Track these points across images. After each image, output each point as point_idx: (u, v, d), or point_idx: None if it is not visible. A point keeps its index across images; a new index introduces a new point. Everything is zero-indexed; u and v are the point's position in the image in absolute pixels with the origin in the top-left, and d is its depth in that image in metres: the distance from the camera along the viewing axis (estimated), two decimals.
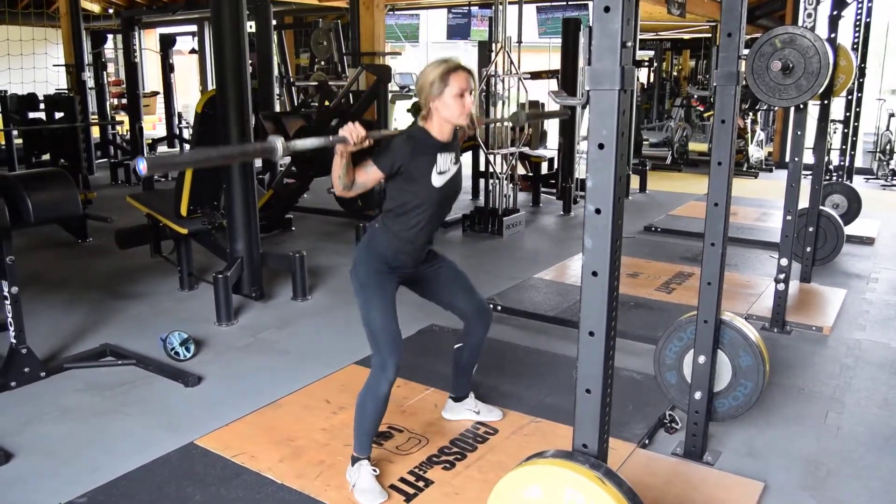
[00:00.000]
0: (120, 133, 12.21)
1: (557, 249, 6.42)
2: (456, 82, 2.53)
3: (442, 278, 2.89)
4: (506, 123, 6.95)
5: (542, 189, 8.69)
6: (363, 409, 2.59)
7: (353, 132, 2.39)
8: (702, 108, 12.67)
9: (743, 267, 5.73)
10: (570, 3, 12.42)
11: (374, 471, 2.63)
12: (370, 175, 2.58)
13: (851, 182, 6.83)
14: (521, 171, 8.32)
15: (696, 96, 12.49)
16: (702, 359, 2.81)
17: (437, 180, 2.62)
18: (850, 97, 6.41)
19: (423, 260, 2.82)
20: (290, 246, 6.34)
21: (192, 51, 15.52)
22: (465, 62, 2.62)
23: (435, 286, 2.90)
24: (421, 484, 2.69)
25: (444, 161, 2.63)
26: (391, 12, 14.05)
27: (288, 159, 7.18)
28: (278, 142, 2.17)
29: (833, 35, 4.62)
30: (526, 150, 8.16)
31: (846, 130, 6.64)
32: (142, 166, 1.86)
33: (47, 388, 3.54)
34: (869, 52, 6.75)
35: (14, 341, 3.52)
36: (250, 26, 7.80)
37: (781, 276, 4.23)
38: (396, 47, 15.00)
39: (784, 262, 4.21)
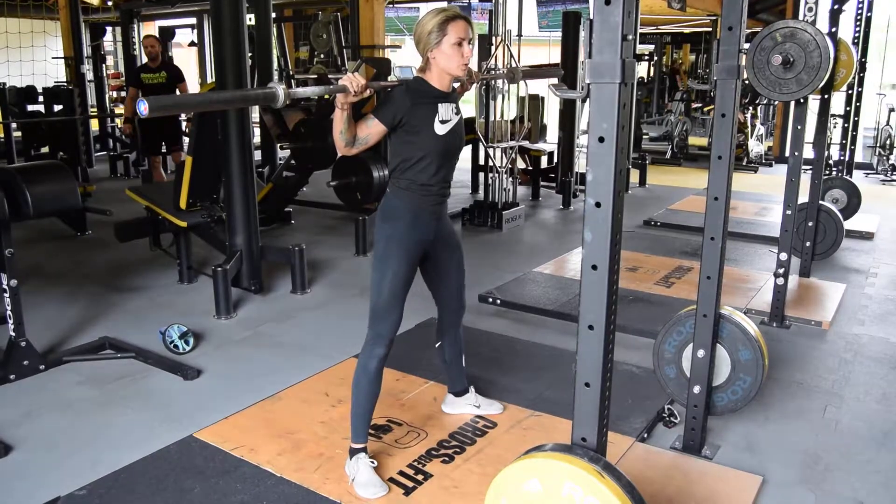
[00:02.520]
0: (119, 126, 12.19)
1: (557, 243, 6.42)
2: (454, 31, 2.51)
3: (451, 264, 2.87)
4: (503, 81, 6.95)
5: (542, 183, 8.69)
6: (357, 387, 2.62)
7: (352, 81, 2.36)
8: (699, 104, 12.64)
9: (742, 261, 5.72)
10: None
11: (373, 463, 2.64)
12: (372, 129, 2.54)
13: (851, 177, 6.82)
14: (520, 164, 8.32)
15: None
16: (701, 353, 2.81)
17: (441, 129, 2.58)
18: (850, 92, 6.40)
19: (442, 221, 2.76)
20: (289, 239, 6.34)
21: (192, 43, 15.46)
22: (462, 12, 2.58)
23: (441, 267, 2.86)
24: (420, 477, 2.69)
25: (446, 110, 2.61)
26: (391, 5, 14.02)
27: (287, 153, 7.18)
28: (279, 88, 2.15)
29: (834, 29, 4.61)
30: (525, 143, 8.15)
31: (846, 125, 6.64)
32: (143, 107, 1.84)
33: (46, 381, 3.54)
34: (869, 47, 6.74)
35: (13, 334, 3.52)
36: (250, 19, 7.78)
37: (781, 271, 4.23)
38: (396, 40, 14.97)
39: (783, 256, 4.21)
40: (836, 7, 4.68)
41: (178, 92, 7.16)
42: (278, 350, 3.97)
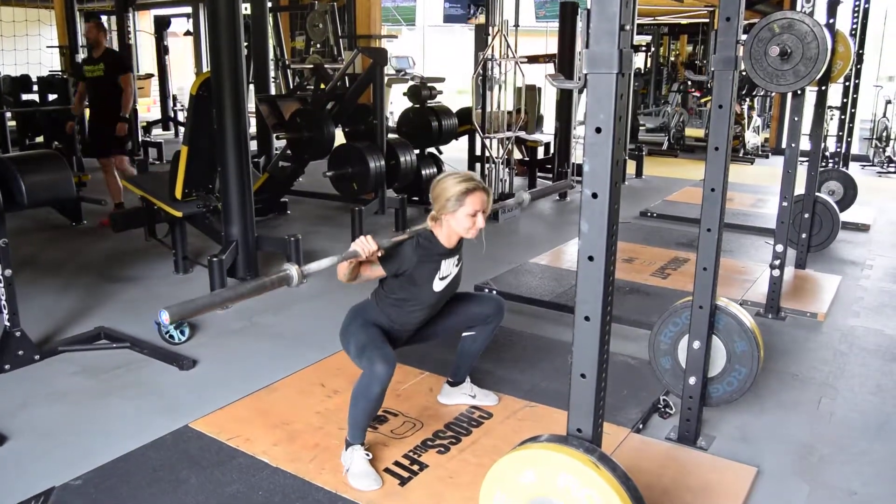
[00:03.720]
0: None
1: (553, 234, 6.42)
2: (472, 203, 2.62)
3: (443, 317, 2.94)
4: (499, 74, 6.93)
5: (539, 173, 8.68)
6: (356, 404, 2.59)
7: (364, 247, 2.47)
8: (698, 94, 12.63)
9: (738, 253, 5.73)
10: None
11: (368, 455, 2.64)
12: (375, 272, 2.68)
13: (847, 169, 6.82)
14: (517, 155, 8.30)
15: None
16: (696, 344, 2.81)
17: (438, 285, 2.73)
18: (847, 83, 6.39)
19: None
20: (285, 229, 6.32)
21: (187, 33, 15.38)
22: (482, 182, 2.68)
23: (441, 328, 2.97)
24: (415, 468, 2.70)
25: (448, 266, 2.75)
26: None
27: (283, 143, 7.16)
28: (293, 269, 2.23)
29: (832, 20, 4.60)
30: (522, 134, 8.13)
31: (843, 117, 6.63)
32: (164, 318, 1.86)
33: (42, 371, 3.53)
34: (867, 39, 6.73)
35: (8, 324, 3.51)
36: (246, 8, 7.74)
37: (777, 263, 4.23)
38: (393, 30, 14.91)
39: (779, 248, 4.21)
40: None
41: (120, 84, 6.28)
42: (274, 340, 3.97)
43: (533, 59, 9.53)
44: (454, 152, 8.27)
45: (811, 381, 3.52)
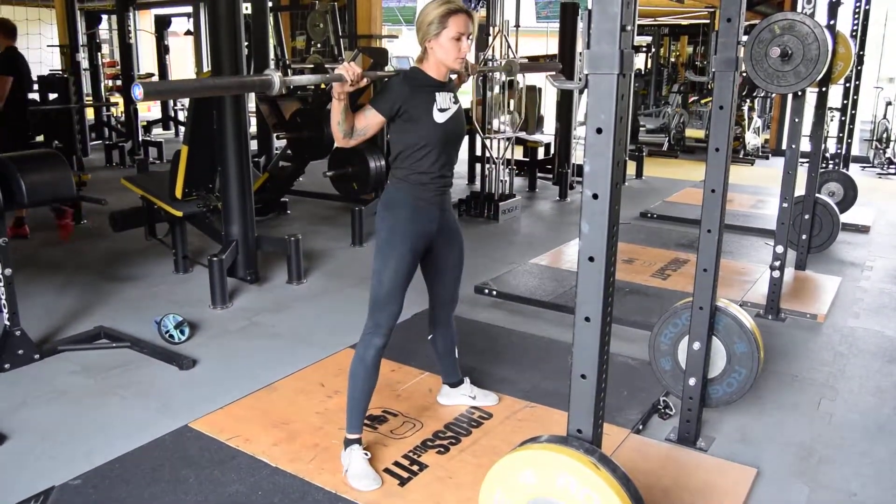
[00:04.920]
0: (115, 115, 12.13)
1: (553, 235, 6.42)
2: (455, 25, 2.50)
3: (451, 258, 2.86)
4: (500, 74, 6.92)
5: (539, 174, 8.68)
6: (354, 378, 2.61)
7: (349, 70, 2.35)
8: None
9: (738, 254, 5.73)
10: None
11: (366, 455, 2.64)
12: (370, 119, 2.53)
13: (848, 170, 6.82)
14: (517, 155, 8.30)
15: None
16: (696, 345, 2.81)
17: (440, 117, 2.57)
18: (847, 85, 6.40)
19: (445, 212, 2.75)
20: (285, 229, 6.32)
21: (188, 32, 15.37)
22: (466, 6, 2.57)
23: (441, 261, 2.85)
24: (415, 468, 2.69)
25: (444, 99, 2.60)
26: None
27: (283, 143, 7.16)
28: (276, 75, 2.12)
29: (832, 22, 4.60)
30: (522, 134, 8.13)
31: (843, 118, 6.63)
32: (137, 92, 1.82)
33: (41, 371, 3.53)
34: (867, 40, 6.73)
35: (8, 323, 3.51)
36: (246, 7, 7.73)
37: (777, 264, 4.23)
38: (394, 30, 14.90)
39: (779, 249, 4.21)
40: (834, 0, 4.67)
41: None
42: (274, 340, 3.97)
43: (534, 60, 9.53)
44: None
45: (811, 383, 3.52)
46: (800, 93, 3.98)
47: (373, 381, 2.63)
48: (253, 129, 7.64)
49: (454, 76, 2.77)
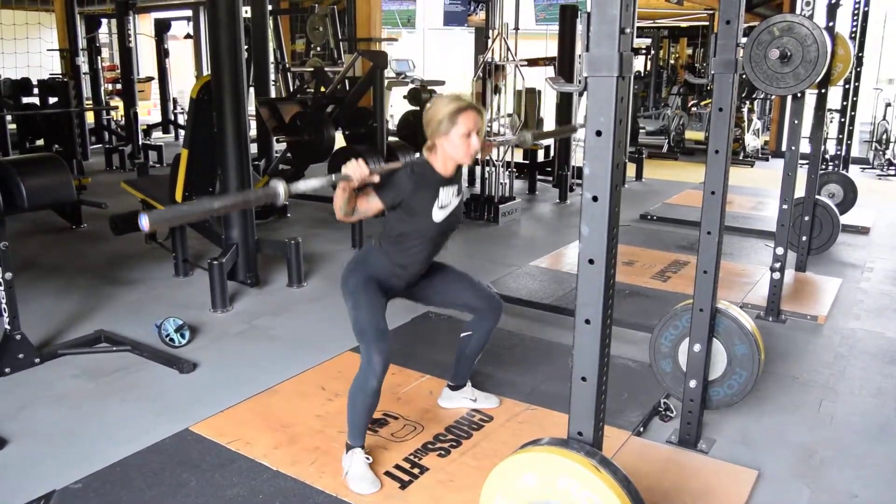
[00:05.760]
0: (114, 118, 12.14)
1: (553, 237, 6.42)
2: (464, 123, 2.53)
3: (437, 283, 2.90)
4: (502, 80, 6.93)
5: (539, 176, 8.68)
6: (353, 402, 2.59)
7: (356, 170, 2.39)
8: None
9: (738, 256, 5.73)
10: None
11: (368, 458, 2.63)
12: (372, 204, 2.59)
13: (847, 171, 6.83)
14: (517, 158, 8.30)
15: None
16: (697, 347, 2.81)
17: (438, 215, 2.64)
18: (847, 86, 6.40)
19: (422, 275, 2.85)
20: (285, 232, 6.32)
21: (188, 36, 15.42)
22: (474, 101, 2.62)
23: (433, 292, 2.92)
24: (416, 471, 2.69)
25: (447, 195, 2.66)
26: None
27: (283, 146, 7.16)
28: (280, 185, 2.16)
29: (831, 23, 4.60)
30: None
31: (843, 120, 6.63)
32: (144, 223, 1.85)
33: (42, 375, 3.53)
34: (867, 42, 6.73)
35: (8, 327, 3.51)
36: (246, 11, 7.74)
37: (777, 265, 4.23)
38: (393, 33, 14.92)
39: (780, 251, 4.21)
40: (833, 1, 4.67)
41: None
42: (274, 343, 3.97)
43: (533, 63, 9.53)
44: None
45: (812, 384, 3.52)
46: (799, 94, 3.98)
47: (374, 405, 2.61)
48: (253, 132, 7.64)
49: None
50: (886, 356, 3.86)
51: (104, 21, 13.81)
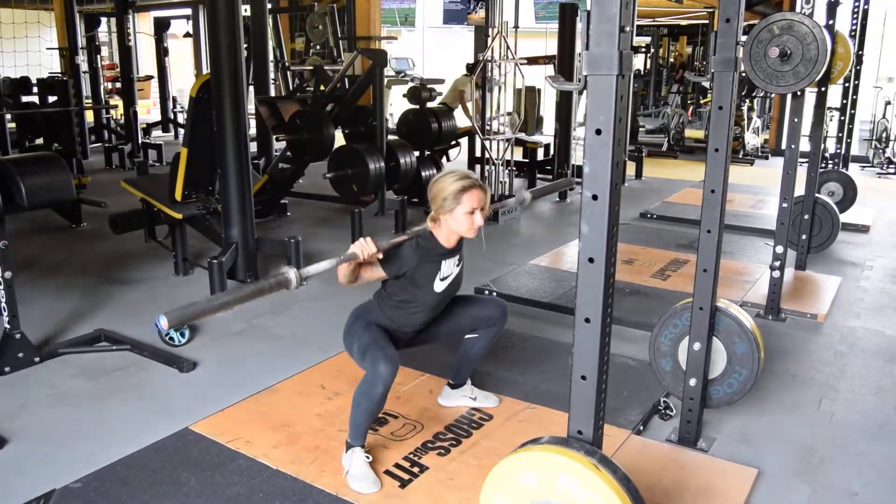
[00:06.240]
0: (114, 117, 12.14)
1: (553, 236, 6.42)
2: (469, 201, 2.60)
3: (440, 318, 2.92)
4: (500, 78, 6.94)
5: (538, 175, 8.68)
6: (357, 405, 2.59)
7: (363, 249, 2.46)
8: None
9: (738, 254, 5.73)
10: None
11: (367, 457, 2.63)
12: (376, 273, 2.66)
13: (847, 170, 6.82)
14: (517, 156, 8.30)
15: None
16: (697, 346, 2.81)
17: (439, 286, 2.72)
18: (847, 84, 6.40)
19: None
20: (285, 231, 6.32)
21: (187, 34, 15.40)
22: (479, 180, 2.67)
23: (438, 330, 2.96)
24: (416, 470, 2.69)
25: (448, 266, 2.74)
26: None
27: (283, 144, 7.15)
28: (291, 272, 2.22)
29: (831, 22, 4.60)
30: (522, 135, 8.13)
31: (843, 118, 6.63)
32: (163, 323, 1.87)
33: (42, 374, 3.53)
34: (866, 40, 6.73)
35: (8, 326, 3.51)
36: (245, 10, 7.73)
37: (777, 264, 4.23)
38: (392, 31, 14.92)
39: (779, 249, 4.21)
40: (833, 0, 4.67)
41: None
42: (274, 342, 3.97)
43: (533, 61, 9.52)
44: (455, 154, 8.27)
45: (811, 383, 3.52)
46: (799, 93, 3.98)
47: (378, 410, 2.61)
48: (252, 130, 7.64)
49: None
50: (886, 354, 3.86)
51: (103, 20, 13.79)
